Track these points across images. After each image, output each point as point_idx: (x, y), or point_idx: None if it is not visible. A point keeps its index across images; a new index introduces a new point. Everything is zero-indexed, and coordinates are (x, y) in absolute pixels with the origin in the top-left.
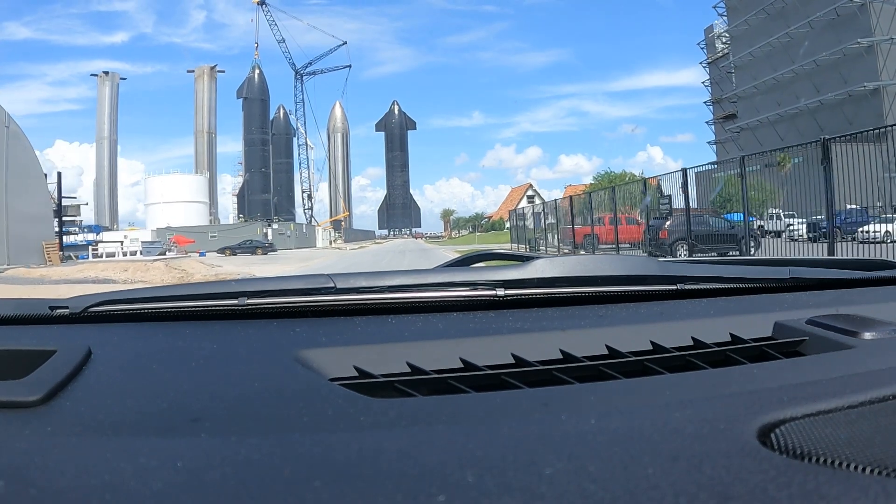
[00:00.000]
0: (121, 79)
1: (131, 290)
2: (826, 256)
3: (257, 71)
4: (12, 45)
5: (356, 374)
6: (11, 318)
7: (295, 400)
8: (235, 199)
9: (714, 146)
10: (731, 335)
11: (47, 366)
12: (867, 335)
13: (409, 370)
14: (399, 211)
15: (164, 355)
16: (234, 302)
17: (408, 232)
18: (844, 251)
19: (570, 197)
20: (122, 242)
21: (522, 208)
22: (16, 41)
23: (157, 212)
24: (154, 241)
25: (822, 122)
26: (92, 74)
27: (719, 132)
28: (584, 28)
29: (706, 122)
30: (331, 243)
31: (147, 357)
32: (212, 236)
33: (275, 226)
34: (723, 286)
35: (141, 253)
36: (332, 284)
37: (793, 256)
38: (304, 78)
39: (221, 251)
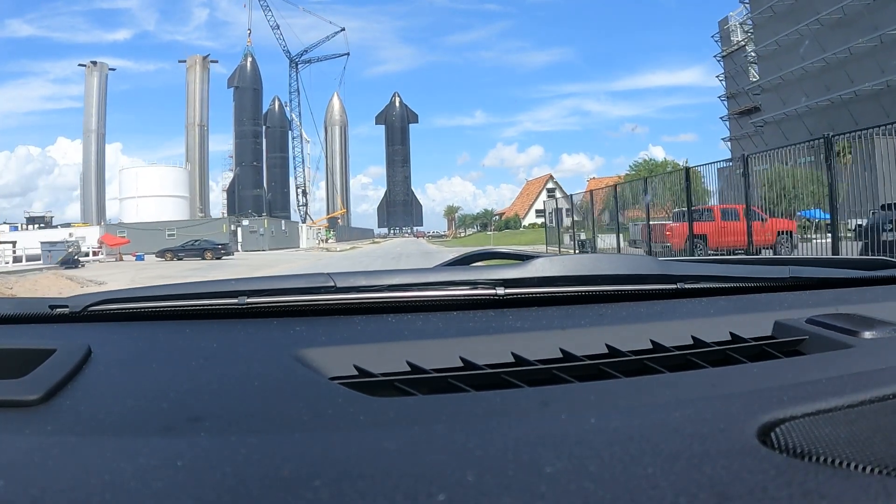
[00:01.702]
0: (109, 69)
1: (131, 288)
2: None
3: (250, 59)
4: (15, 43)
5: (356, 373)
6: (11, 316)
7: (295, 399)
8: (225, 194)
9: (729, 143)
10: (731, 334)
11: (47, 365)
12: (867, 334)
13: (409, 369)
14: (400, 208)
15: (164, 354)
16: (234, 301)
17: (409, 230)
18: None
19: (693, 171)
20: (13, 244)
21: (571, 196)
22: (18, 38)
23: (132, 207)
24: (57, 242)
25: (856, 115)
26: (80, 65)
27: (734, 128)
28: (587, 27)
29: (720, 118)
30: (321, 242)
31: (147, 356)
32: (169, 234)
33: (245, 222)
34: (723, 285)
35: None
36: (332, 283)
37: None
38: (300, 66)
39: (161, 254)
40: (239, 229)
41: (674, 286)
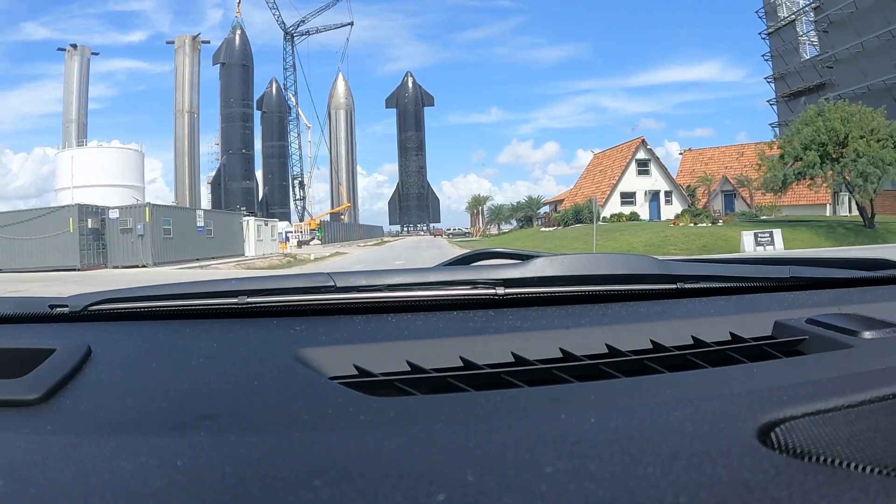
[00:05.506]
0: (92, 53)
1: (131, 288)
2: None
3: (238, 32)
4: (31, 45)
5: (356, 372)
6: (11, 316)
7: (295, 398)
8: (210, 186)
9: (777, 128)
10: (731, 334)
11: (47, 364)
12: (867, 334)
13: (409, 369)
14: (414, 202)
15: (164, 354)
16: (234, 300)
17: (424, 228)
18: None
19: None
20: None
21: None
22: (34, 41)
23: (66, 200)
24: None
25: None
26: (59, 49)
27: (783, 112)
28: (601, 23)
29: (767, 101)
30: (300, 245)
31: (147, 356)
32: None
33: (113, 214)
34: (723, 285)
35: None
36: (332, 283)
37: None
38: (297, 39)
39: None
40: (106, 223)
41: (674, 286)
